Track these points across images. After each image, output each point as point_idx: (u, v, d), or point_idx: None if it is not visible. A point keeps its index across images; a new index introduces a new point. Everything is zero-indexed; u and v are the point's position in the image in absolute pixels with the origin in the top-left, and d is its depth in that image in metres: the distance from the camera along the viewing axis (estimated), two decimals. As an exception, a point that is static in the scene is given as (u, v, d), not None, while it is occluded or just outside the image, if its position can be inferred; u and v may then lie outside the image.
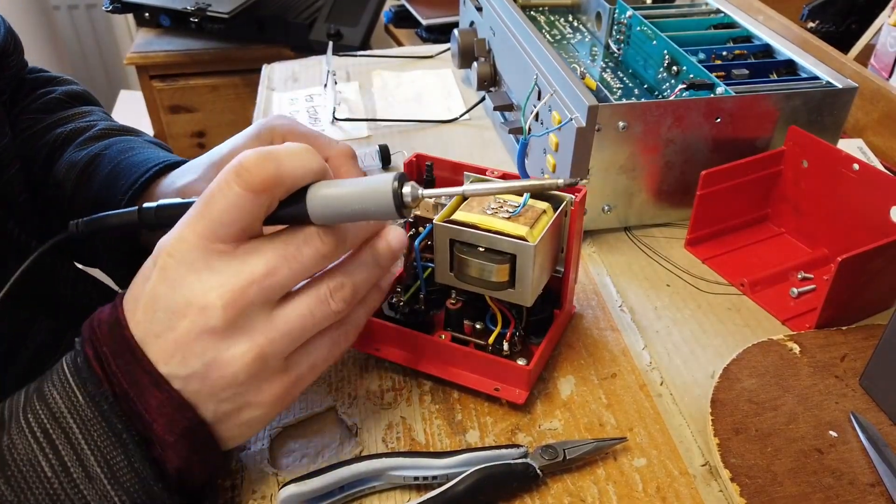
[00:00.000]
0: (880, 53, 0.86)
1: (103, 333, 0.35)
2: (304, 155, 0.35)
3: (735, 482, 0.40)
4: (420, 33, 1.50)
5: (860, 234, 0.54)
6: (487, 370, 0.47)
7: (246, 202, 0.33)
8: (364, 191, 0.34)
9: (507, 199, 0.46)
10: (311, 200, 0.35)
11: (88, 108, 0.64)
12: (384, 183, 0.34)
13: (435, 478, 0.41)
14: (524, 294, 0.44)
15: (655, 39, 0.67)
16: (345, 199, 0.34)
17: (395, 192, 0.34)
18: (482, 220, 0.44)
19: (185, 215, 0.35)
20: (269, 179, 0.33)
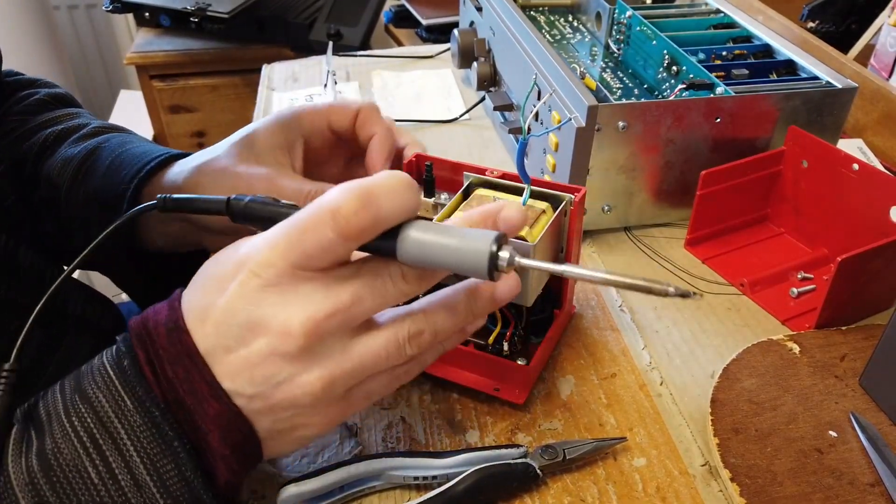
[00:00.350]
0: (880, 53, 0.86)
1: (160, 336, 0.34)
2: (404, 195, 0.33)
3: (735, 482, 0.40)
4: (420, 33, 1.50)
5: (860, 234, 0.54)
6: (487, 370, 0.47)
7: (339, 246, 0.33)
8: (459, 246, 0.33)
9: (507, 200, 0.46)
10: (402, 242, 0.33)
11: (75, 110, 0.63)
12: (482, 242, 0.32)
13: (435, 478, 0.41)
14: (524, 294, 0.44)
15: (655, 39, 0.67)
16: (437, 249, 0.33)
17: (491, 256, 0.32)
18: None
19: (273, 236, 0.34)
20: (365, 228, 0.32)
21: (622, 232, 0.63)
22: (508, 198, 0.47)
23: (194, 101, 1.53)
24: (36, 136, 0.59)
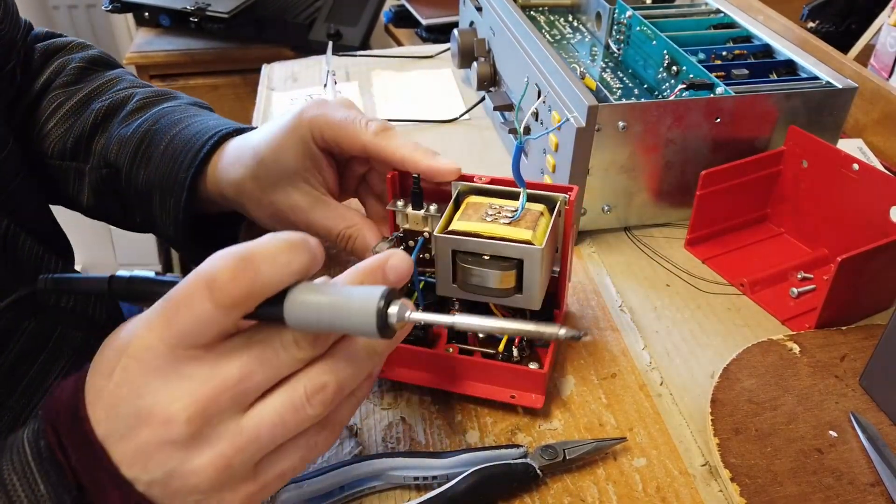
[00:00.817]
0: (880, 53, 0.86)
1: (64, 421, 0.33)
2: (286, 258, 0.31)
3: (735, 482, 0.40)
4: (420, 33, 1.50)
5: (860, 233, 0.54)
6: (500, 378, 0.46)
7: (217, 317, 0.31)
8: (345, 305, 0.31)
9: (503, 205, 0.46)
10: (288, 307, 0.32)
11: (114, 74, 0.63)
12: (368, 300, 0.31)
13: (435, 478, 0.41)
14: (532, 298, 0.44)
15: (655, 39, 0.67)
16: (324, 310, 0.31)
17: (379, 313, 0.31)
18: (484, 228, 0.44)
19: (150, 315, 0.32)
20: (243, 296, 0.30)
21: (622, 232, 0.63)
22: (502, 203, 0.46)
23: (194, 101, 1.53)
24: (85, 111, 0.59)
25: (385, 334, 0.31)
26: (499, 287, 0.44)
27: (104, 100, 0.59)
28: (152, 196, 0.55)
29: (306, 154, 0.51)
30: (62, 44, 0.64)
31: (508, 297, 0.44)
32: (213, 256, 0.31)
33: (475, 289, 0.44)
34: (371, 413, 0.46)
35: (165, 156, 0.54)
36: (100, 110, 0.58)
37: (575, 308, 0.55)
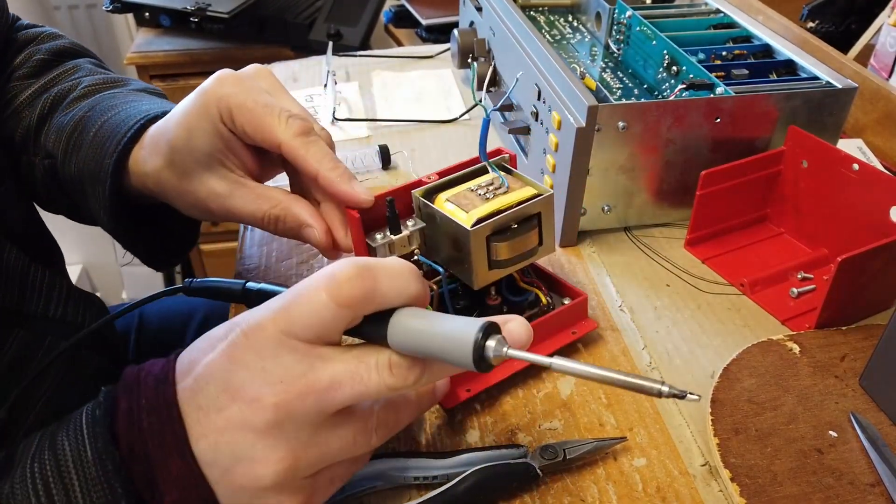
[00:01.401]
0: (880, 53, 0.86)
1: (148, 386, 0.33)
2: (404, 279, 0.33)
3: (735, 482, 0.40)
4: (420, 33, 1.50)
5: (860, 233, 0.54)
6: (554, 327, 0.50)
7: (329, 312, 0.32)
8: (447, 334, 0.32)
9: (479, 184, 0.47)
10: (393, 326, 0.33)
11: (73, 64, 0.61)
12: (468, 331, 0.32)
13: (435, 478, 0.41)
14: (551, 244, 0.48)
15: (655, 39, 0.67)
16: (426, 336, 0.32)
17: (476, 345, 0.31)
18: (498, 204, 0.45)
19: (272, 301, 0.34)
20: (358, 298, 0.32)
21: (622, 232, 0.63)
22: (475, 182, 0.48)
23: (194, 101, 1.53)
24: (37, 101, 0.57)
25: (481, 368, 0.32)
26: (530, 248, 0.47)
27: (53, 90, 0.58)
28: (84, 185, 0.53)
29: (217, 135, 0.47)
30: (33, 34, 0.63)
31: (535, 253, 0.48)
32: (339, 261, 0.33)
33: (511, 261, 0.46)
34: (371, 413, 0.46)
35: (94, 143, 0.52)
36: (47, 100, 0.57)
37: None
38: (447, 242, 0.46)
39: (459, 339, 0.32)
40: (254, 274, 0.60)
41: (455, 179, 0.48)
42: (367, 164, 0.71)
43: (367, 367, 0.33)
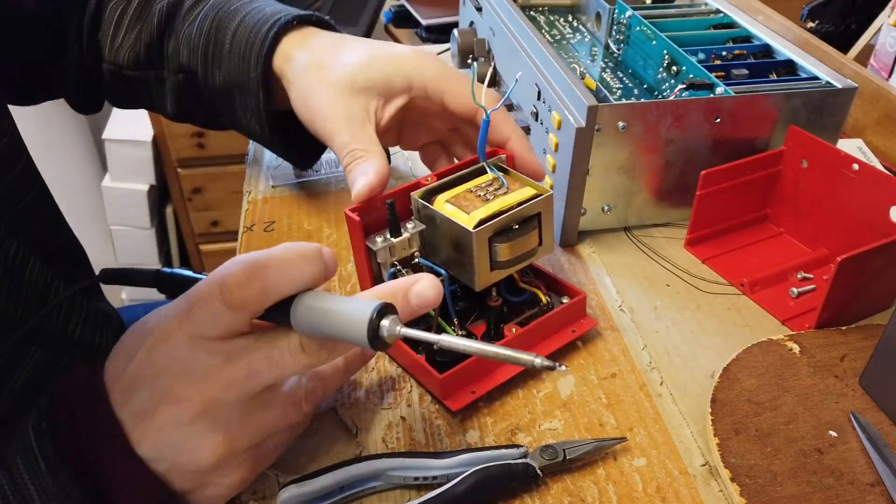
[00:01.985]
0: (880, 53, 0.86)
1: (79, 400, 0.35)
2: (297, 268, 0.35)
3: (735, 482, 0.40)
4: (420, 33, 1.50)
5: (860, 233, 0.54)
6: (554, 326, 0.50)
7: (227, 316, 0.34)
8: (343, 314, 0.34)
9: (478, 184, 0.48)
10: (295, 313, 0.35)
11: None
12: (363, 312, 0.33)
13: (435, 478, 0.41)
14: (550, 244, 0.48)
15: (655, 39, 0.67)
16: (325, 320, 0.34)
17: (370, 324, 0.33)
18: (496, 206, 0.45)
19: (173, 306, 0.35)
20: (251, 299, 0.34)
21: (622, 232, 0.63)
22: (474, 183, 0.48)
23: (194, 102, 1.53)
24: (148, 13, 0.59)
25: (376, 346, 0.34)
26: (533, 248, 0.47)
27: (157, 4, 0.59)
28: (233, 96, 0.56)
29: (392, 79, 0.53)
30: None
31: (535, 253, 0.48)
32: (229, 261, 0.34)
33: (511, 262, 0.46)
34: (371, 413, 0.46)
35: (233, 54, 0.54)
36: (161, 11, 0.58)
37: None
38: (447, 244, 0.46)
39: (355, 320, 0.33)
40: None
41: (453, 181, 0.48)
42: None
43: (281, 351, 0.35)
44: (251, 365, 0.34)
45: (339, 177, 0.71)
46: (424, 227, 0.47)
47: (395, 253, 0.47)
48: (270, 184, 0.70)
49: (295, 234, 0.63)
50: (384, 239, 0.46)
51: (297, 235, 0.63)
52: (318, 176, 0.71)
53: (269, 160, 0.74)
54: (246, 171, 0.73)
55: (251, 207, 0.67)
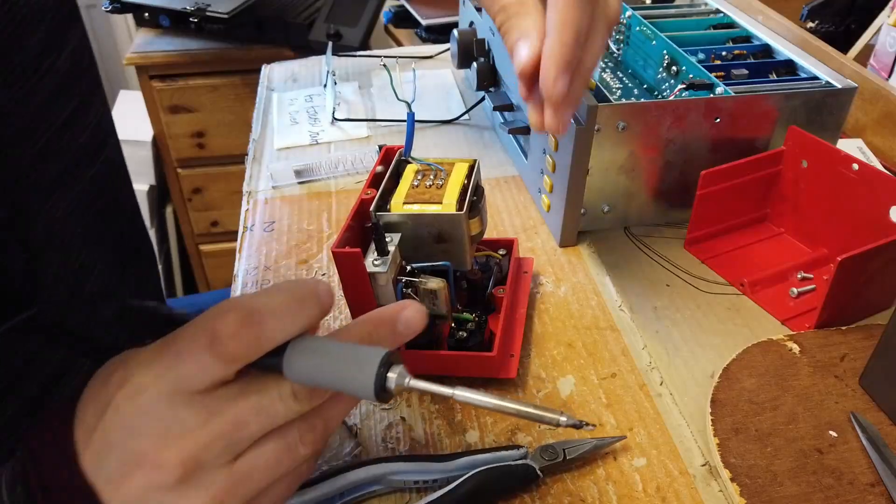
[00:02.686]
0: (880, 53, 0.86)
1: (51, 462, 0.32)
2: (292, 314, 0.31)
3: (735, 482, 0.40)
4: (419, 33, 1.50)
5: (860, 233, 0.54)
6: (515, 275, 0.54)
7: (216, 369, 0.30)
8: (346, 366, 0.31)
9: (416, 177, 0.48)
10: (288, 361, 0.31)
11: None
12: (368, 364, 0.31)
13: (435, 481, 0.41)
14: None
15: (655, 39, 0.67)
16: (323, 370, 0.31)
17: (378, 378, 0.31)
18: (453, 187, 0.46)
19: (148, 355, 0.32)
20: (244, 351, 0.30)
21: (622, 232, 0.63)
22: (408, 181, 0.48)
23: (194, 102, 1.53)
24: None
25: (382, 398, 0.31)
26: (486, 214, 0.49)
27: None
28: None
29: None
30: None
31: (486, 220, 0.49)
32: (219, 306, 0.30)
33: (482, 232, 0.48)
34: (371, 414, 0.46)
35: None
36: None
37: (574, 308, 0.55)
38: (430, 239, 0.46)
39: (360, 373, 0.31)
40: (253, 274, 0.60)
41: (389, 186, 0.48)
42: (366, 165, 0.71)
43: (271, 399, 0.31)
44: (237, 416, 0.31)
45: (339, 177, 0.71)
46: (401, 235, 0.46)
47: (393, 270, 0.45)
48: (271, 184, 0.70)
49: (295, 234, 0.63)
50: (380, 261, 0.44)
51: (297, 236, 0.63)
52: (318, 176, 0.71)
53: (269, 160, 0.74)
54: (246, 171, 0.73)
55: (251, 208, 0.67)
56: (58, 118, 0.49)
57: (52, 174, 0.49)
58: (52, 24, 0.48)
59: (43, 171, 0.48)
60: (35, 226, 0.47)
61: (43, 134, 0.47)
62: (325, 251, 0.61)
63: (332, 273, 0.58)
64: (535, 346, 0.51)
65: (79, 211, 0.50)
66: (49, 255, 0.48)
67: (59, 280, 0.48)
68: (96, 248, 0.50)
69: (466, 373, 0.48)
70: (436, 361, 0.48)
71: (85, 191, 0.51)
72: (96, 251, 0.50)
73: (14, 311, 0.45)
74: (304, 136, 0.78)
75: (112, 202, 0.54)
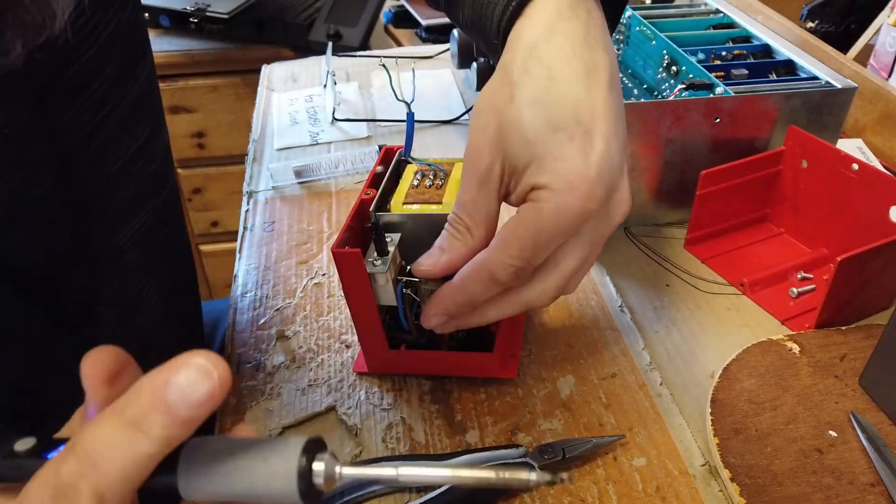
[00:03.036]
0: (879, 53, 0.86)
1: None
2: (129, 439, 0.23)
3: (735, 482, 0.40)
4: (419, 33, 1.50)
5: (859, 233, 0.54)
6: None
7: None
8: (257, 470, 0.25)
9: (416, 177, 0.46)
10: (182, 478, 0.25)
11: None
12: (285, 459, 0.24)
13: (435, 478, 0.41)
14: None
15: (655, 39, 0.67)
16: (230, 478, 0.25)
17: (301, 477, 0.24)
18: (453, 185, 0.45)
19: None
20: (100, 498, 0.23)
21: (622, 232, 0.63)
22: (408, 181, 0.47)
23: (194, 102, 1.53)
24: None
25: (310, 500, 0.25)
26: None
27: None
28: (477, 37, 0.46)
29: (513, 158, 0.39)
30: None
31: None
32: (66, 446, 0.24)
33: None
34: (371, 414, 0.47)
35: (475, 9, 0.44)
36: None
37: (574, 308, 0.55)
38: (429, 238, 0.45)
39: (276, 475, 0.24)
40: (253, 274, 0.60)
41: (389, 186, 0.47)
42: (367, 165, 0.71)
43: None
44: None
45: (339, 177, 0.71)
46: (400, 235, 0.45)
47: (393, 270, 0.44)
48: (271, 184, 0.70)
49: (295, 234, 0.63)
50: (380, 261, 0.43)
51: (297, 236, 0.63)
52: (318, 176, 0.71)
53: (269, 160, 0.74)
54: (246, 172, 0.73)
55: (251, 208, 0.67)
56: (130, 146, 0.49)
57: (121, 201, 0.49)
58: (129, 49, 0.48)
59: (113, 198, 0.48)
60: (101, 252, 0.47)
61: (115, 161, 0.47)
62: (325, 251, 0.61)
63: (332, 273, 0.58)
64: (534, 346, 0.51)
65: (141, 240, 0.50)
66: (109, 282, 0.48)
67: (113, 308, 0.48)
68: (152, 279, 0.50)
69: (467, 373, 0.48)
70: (436, 362, 0.48)
71: (149, 220, 0.51)
72: (152, 282, 0.50)
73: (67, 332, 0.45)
74: (304, 137, 0.78)
75: (171, 233, 0.53)
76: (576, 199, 0.36)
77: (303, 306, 0.56)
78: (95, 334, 0.47)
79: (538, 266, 0.38)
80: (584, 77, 0.37)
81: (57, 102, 0.43)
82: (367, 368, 0.49)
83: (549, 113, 0.36)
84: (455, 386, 0.48)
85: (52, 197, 0.43)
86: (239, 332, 0.54)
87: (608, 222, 0.39)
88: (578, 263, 0.39)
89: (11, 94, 0.39)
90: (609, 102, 0.37)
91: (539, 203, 0.36)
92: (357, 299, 0.45)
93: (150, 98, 0.52)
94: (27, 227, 0.42)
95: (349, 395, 0.48)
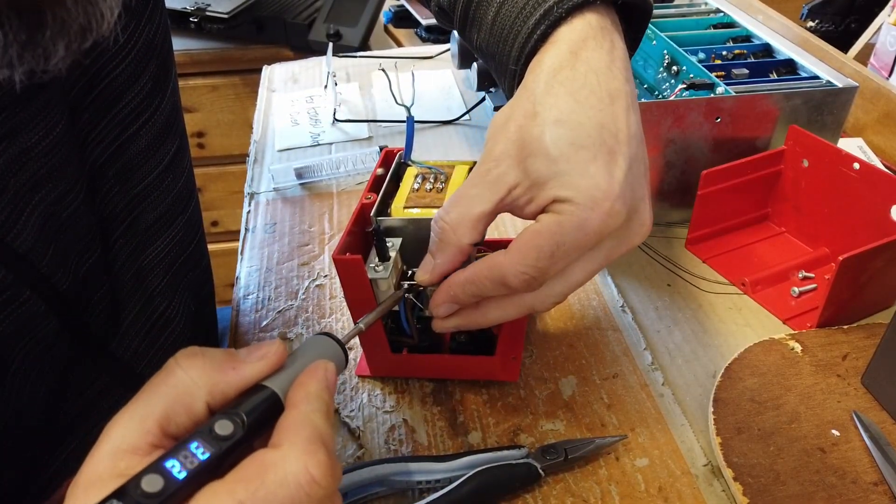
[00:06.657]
0: (880, 53, 0.86)
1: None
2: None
3: (738, 482, 0.41)
4: (420, 34, 1.50)
5: (861, 233, 0.54)
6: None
7: None
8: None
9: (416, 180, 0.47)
10: None
11: None
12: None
13: (438, 481, 0.41)
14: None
15: (655, 39, 0.67)
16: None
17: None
18: (453, 189, 0.45)
19: None
20: None
21: (623, 232, 0.63)
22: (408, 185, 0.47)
23: (194, 101, 1.53)
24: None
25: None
26: None
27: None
28: (491, 61, 0.46)
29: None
30: None
31: None
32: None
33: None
34: (373, 416, 0.47)
35: (493, 34, 0.44)
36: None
37: (576, 308, 0.55)
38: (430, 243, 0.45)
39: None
40: (255, 276, 0.60)
41: (389, 190, 0.47)
42: (368, 165, 0.71)
43: None
44: None
45: (340, 178, 0.71)
46: (402, 240, 0.45)
47: (394, 275, 0.44)
48: (272, 185, 0.70)
49: (297, 235, 0.63)
50: (382, 267, 0.42)
51: (298, 237, 0.63)
52: (319, 177, 0.71)
53: (270, 161, 0.74)
54: (247, 173, 0.73)
55: (253, 209, 0.67)
56: (160, 163, 0.48)
57: (148, 220, 0.48)
58: (162, 62, 0.48)
59: (139, 217, 0.47)
60: (125, 272, 0.47)
61: (142, 179, 0.47)
62: (326, 252, 0.61)
63: (333, 275, 0.58)
64: (536, 347, 0.51)
65: (166, 260, 0.50)
66: (132, 303, 0.48)
67: (138, 327, 0.48)
68: (176, 300, 0.50)
69: (469, 376, 0.48)
70: (438, 366, 0.48)
71: (174, 239, 0.50)
72: (176, 303, 0.50)
73: (89, 351, 0.45)
74: (305, 137, 0.78)
75: (193, 253, 0.53)
76: (597, 215, 0.36)
77: (305, 308, 0.56)
78: (119, 354, 0.47)
79: None
80: (608, 103, 0.38)
81: (88, 116, 0.43)
82: (370, 372, 0.49)
83: (574, 133, 0.37)
84: (457, 388, 0.48)
85: (85, 213, 0.43)
86: (241, 335, 0.54)
87: (626, 242, 0.40)
88: (587, 276, 0.39)
89: (50, 106, 0.39)
90: (631, 128, 0.38)
91: (561, 215, 0.37)
92: (358, 305, 0.45)
93: (176, 113, 0.51)
94: (64, 243, 0.41)
95: (352, 397, 0.48)
